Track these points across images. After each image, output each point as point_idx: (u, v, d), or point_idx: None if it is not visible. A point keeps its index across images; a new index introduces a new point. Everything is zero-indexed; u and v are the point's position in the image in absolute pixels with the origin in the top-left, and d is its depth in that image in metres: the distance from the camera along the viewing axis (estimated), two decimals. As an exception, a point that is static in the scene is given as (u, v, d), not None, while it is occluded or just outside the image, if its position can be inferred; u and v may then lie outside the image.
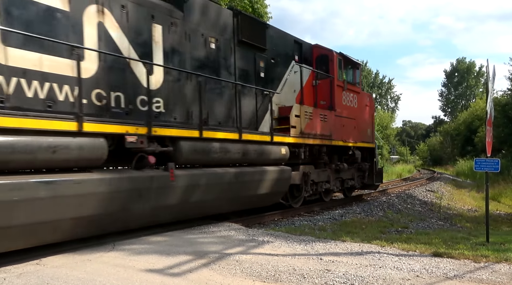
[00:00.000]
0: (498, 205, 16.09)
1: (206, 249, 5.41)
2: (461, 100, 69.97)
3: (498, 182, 20.88)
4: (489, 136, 7.28)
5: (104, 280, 4.04)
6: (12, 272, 4.34)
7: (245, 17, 8.97)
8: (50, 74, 5.50)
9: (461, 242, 6.69)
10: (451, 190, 19.65)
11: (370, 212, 11.07)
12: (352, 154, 12.47)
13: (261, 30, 9.40)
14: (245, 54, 8.92)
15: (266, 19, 20.48)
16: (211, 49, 8.07)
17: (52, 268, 4.54)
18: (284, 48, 10.19)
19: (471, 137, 41.31)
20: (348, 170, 12.31)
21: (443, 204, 14.12)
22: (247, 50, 8.95)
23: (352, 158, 12.50)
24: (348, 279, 4.15)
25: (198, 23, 7.79)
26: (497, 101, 28.38)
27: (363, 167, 13.26)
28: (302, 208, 10.55)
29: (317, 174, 10.81)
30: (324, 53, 11.46)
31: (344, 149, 12.14)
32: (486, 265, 4.69)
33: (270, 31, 9.69)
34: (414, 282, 4.08)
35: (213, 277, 4.22)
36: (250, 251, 5.40)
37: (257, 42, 9.16)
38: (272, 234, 6.62)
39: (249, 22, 9.00)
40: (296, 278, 4.22)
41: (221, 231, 6.84)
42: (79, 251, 5.31)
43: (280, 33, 10.19)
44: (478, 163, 7.12)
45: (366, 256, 5.12)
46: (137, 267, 4.54)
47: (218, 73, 8.16)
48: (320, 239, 6.26)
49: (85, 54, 5.89)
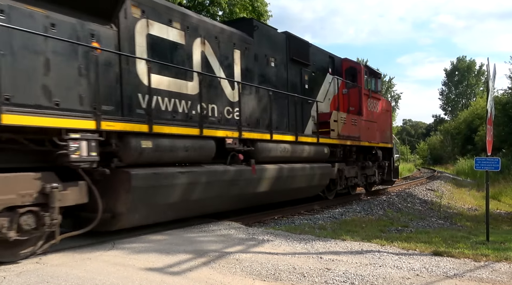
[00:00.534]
0: (498, 204, 16.09)
1: (206, 247, 5.41)
2: (461, 99, 69.93)
3: (499, 180, 20.89)
4: (490, 135, 7.28)
5: (104, 279, 4.04)
6: (12, 271, 4.34)
7: (294, 38, 10.66)
8: (173, 92, 7.21)
9: (461, 241, 6.69)
10: (451, 189, 19.65)
11: (370, 210, 11.08)
12: (375, 153, 14.14)
13: (305, 49, 11.04)
14: (295, 69, 10.63)
15: (266, 18, 20.46)
16: (271, 67, 9.82)
17: (52, 266, 4.54)
18: (321, 63, 11.88)
19: (471, 136, 41.31)
20: (371, 167, 13.92)
21: (443, 203, 14.13)
22: (296, 66, 10.64)
23: (375, 156, 14.18)
24: (348, 278, 4.15)
25: (262, 46, 9.54)
26: (497, 100, 28.36)
27: (383, 164, 14.91)
28: (302, 206, 10.63)
29: (348, 170, 12.37)
30: (353, 66, 13.26)
31: (369, 148, 13.78)
32: (486, 264, 4.69)
33: (312, 49, 11.32)
34: (414, 281, 4.08)
35: (213, 276, 4.22)
36: (250, 249, 5.40)
37: (303, 59, 10.83)
38: (272, 233, 6.62)
39: (297, 43, 10.71)
40: (296, 277, 4.22)
41: (221, 229, 6.84)
42: (79, 249, 5.31)
43: (319, 50, 11.90)
44: (479, 161, 7.12)
45: (366, 255, 5.12)
46: (137, 265, 4.54)
47: (276, 86, 9.76)
48: (320, 238, 6.26)
49: (193, 76, 7.59)
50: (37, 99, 5.20)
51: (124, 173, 6.00)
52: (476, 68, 68.66)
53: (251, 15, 19.12)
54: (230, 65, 8.58)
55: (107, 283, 3.92)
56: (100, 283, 3.92)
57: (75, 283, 3.93)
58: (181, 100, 7.34)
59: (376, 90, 14.34)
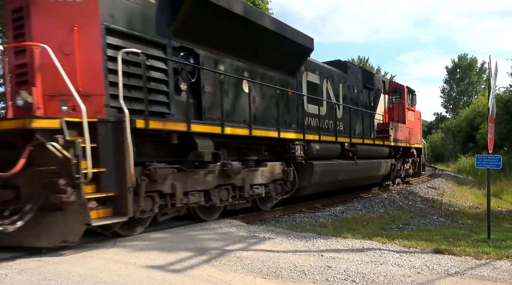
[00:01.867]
0: (499, 202, 16.05)
1: (207, 245, 5.41)
2: (463, 97, 69.64)
3: (500, 178, 20.84)
4: (491, 133, 7.27)
5: (105, 277, 4.05)
6: (14, 268, 4.34)
7: (365, 71, 15.92)
8: (314, 114, 11.04)
9: (463, 238, 6.69)
10: (452, 187, 19.62)
11: (371, 208, 11.07)
12: (412, 152, 18.33)
13: (371, 77, 15.39)
14: (365, 93, 14.66)
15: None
16: (355, 92, 13.86)
17: (54, 264, 4.54)
18: (378, 86, 15.77)
19: (472, 134, 41.21)
20: (409, 163, 18.03)
21: (444, 201, 14.11)
22: (366, 90, 14.68)
23: (412, 154, 18.39)
24: (349, 276, 4.15)
25: (351, 79, 13.62)
26: (499, 97, 28.24)
27: (416, 161, 18.93)
28: (303, 204, 10.64)
29: (396, 165, 16.30)
30: (397, 87, 17.50)
31: (408, 148, 17.90)
32: (487, 262, 4.69)
33: (374, 77, 15.79)
34: (415, 279, 4.08)
35: (214, 274, 4.23)
36: (251, 247, 5.40)
37: (370, 85, 14.90)
38: (273, 231, 6.62)
39: (367, 74, 15.37)
40: (297, 275, 4.22)
41: (222, 227, 6.84)
42: (81, 247, 5.31)
43: (376, 76, 16.50)
44: (480, 159, 7.11)
45: (367, 253, 5.12)
46: (138, 263, 4.55)
47: (357, 105, 13.69)
48: (321, 236, 6.26)
49: (324, 103, 11.62)
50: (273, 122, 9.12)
51: (309, 163, 9.93)
52: (478, 66, 68.34)
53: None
54: (338, 94, 12.67)
55: (108, 281, 3.93)
56: (101, 281, 3.92)
57: (77, 280, 3.93)
58: (318, 119, 11.01)
59: (412, 104, 18.63)
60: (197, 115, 7.33)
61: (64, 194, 4.88)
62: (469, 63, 68.87)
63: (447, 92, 72.10)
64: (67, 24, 5.59)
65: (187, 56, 7.24)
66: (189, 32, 7.05)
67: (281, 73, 9.76)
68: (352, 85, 13.58)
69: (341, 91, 12.72)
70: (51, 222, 5.05)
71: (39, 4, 5.57)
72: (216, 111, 7.53)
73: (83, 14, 5.66)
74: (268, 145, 8.99)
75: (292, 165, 9.57)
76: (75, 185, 4.95)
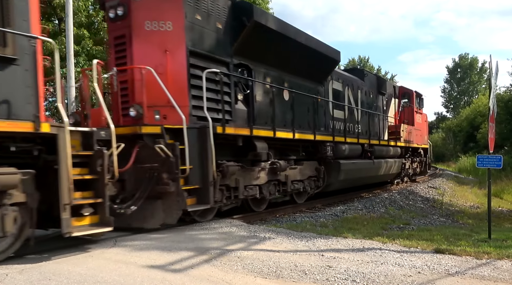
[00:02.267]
0: (500, 202, 16.03)
1: (207, 245, 5.41)
2: (463, 97, 69.53)
3: (501, 178, 20.81)
4: (492, 132, 7.26)
5: (106, 276, 4.05)
6: (15, 268, 4.34)
7: (379, 77, 17.26)
8: (338, 118, 12.15)
9: (463, 238, 6.68)
10: (453, 187, 19.62)
11: (371, 208, 11.07)
12: (419, 152, 20.01)
13: (384, 83, 16.43)
14: (379, 98, 15.86)
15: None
16: (370, 97, 15.01)
17: (54, 263, 4.54)
18: (390, 91, 17.02)
19: (473, 133, 41.15)
20: (417, 162, 19.71)
21: (445, 201, 14.11)
22: (380, 95, 15.85)
23: (419, 154, 20.11)
24: (349, 276, 4.15)
25: (367, 86, 14.72)
26: (500, 97, 28.19)
27: (423, 160, 20.63)
28: (304, 204, 10.64)
29: (406, 164, 17.96)
30: (406, 91, 18.85)
31: (416, 148, 19.45)
32: (488, 262, 4.69)
33: (386, 82, 17.04)
34: (416, 279, 4.08)
35: (214, 273, 4.23)
36: (252, 247, 5.40)
37: (383, 90, 15.98)
38: (274, 231, 6.62)
39: (381, 80, 16.52)
40: (298, 275, 4.22)
41: (222, 227, 6.84)
42: (81, 247, 5.31)
43: (388, 82, 17.98)
44: (481, 159, 7.10)
45: (368, 253, 5.12)
46: (139, 263, 4.55)
47: (372, 109, 14.86)
48: (321, 236, 6.26)
49: (345, 108, 12.56)
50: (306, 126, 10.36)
51: (337, 162, 11.25)
52: (479, 66, 68.22)
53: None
54: (357, 99, 13.75)
55: (109, 281, 3.93)
56: (102, 281, 3.92)
57: (77, 280, 3.93)
58: (344, 122, 12.31)
59: (420, 107, 20.06)
60: (250, 121, 8.52)
61: (167, 185, 6.15)
62: (470, 63, 68.75)
63: (447, 91, 72.01)
64: (160, 49, 6.87)
65: (243, 71, 8.54)
66: (246, 50, 8.35)
67: (313, 82, 11.00)
68: (368, 91, 14.81)
69: (359, 97, 14.02)
70: (154, 208, 6.33)
71: (139, 32, 6.84)
72: (263, 117, 8.88)
73: (173, 40, 6.96)
74: (304, 146, 10.48)
75: (322, 164, 10.98)
76: (174, 179, 6.21)
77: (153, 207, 6.32)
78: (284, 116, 9.51)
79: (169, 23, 6.94)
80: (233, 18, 8.04)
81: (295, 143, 9.97)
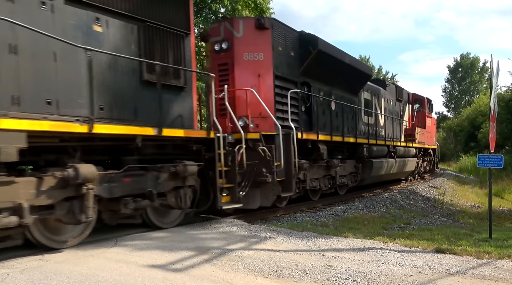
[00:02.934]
0: (501, 201, 16.01)
1: (208, 244, 5.41)
2: (464, 96, 69.44)
3: (502, 178, 20.79)
4: (493, 132, 7.25)
5: (106, 276, 4.05)
6: (16, 267, 4.35)
7: (398, 86, 19.09)
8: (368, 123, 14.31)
9: (464, 238, 6.67)
10: (454, 186, 19.60)
11: (372, 208, 11.06)
12: (429, 152, 22.72)
13: (401, 91, 18.72)
14: (397, 104, 18.19)
15: (268, 15, 20.36)
16: (391, 104, 17.09)
17: (55, 263, 4.55)
18: (405, 98, 19.28)
19: (474, 133, 41.09)
20: (427, 161, 22.54)
21: (446, 200, 14.10)
22: (398, 102, 18.15)
23: (429, 154, 22.86)
24: (350, 275, 4.14)
25: (389, 94, 16.89)
26: (501, 97, 28.13)
27: (432, 159, 23.60)
28: (304, 204, 10.64)
29: (419, 162, 20.62)
30: (419, 98, 21.59)
31: (427, 149, 22.14)
32: (489, 262, 4.69)
33: (403, 90, 19.14)
34: (417, 278, 4.08)
35: (215, 273, 4.23)
36: (252, 247, 5.40)
37: (400, 97, 18.35)
38: (274, 230, 6.62)
39: (399, 88, 18.78)
40: (298, 274, 4.22)
41: (223, 227, 6.84)
42: (82, 246, 5.32)
43: (404, 90, 19.47)
44: (482, 159, 7.09)
45: (369, 252, 5.12)
46: (140, 262, 4.55)
47: (392, 115, 16.98)
48: (322, 235, 6.26)
49: (372, 114, 14.70)
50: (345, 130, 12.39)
51: (370, 161, 13.50)
52: (480, 65, 68.10)
53: (253, 12, 19.02)
54: (381, 107, 15.84)
55: (109, 280, 3.93)
56: (102, 280, 3.92)
57: (78, 279, 3.94)
58: (376, 127, 14.64)
59: (430, 112, 22.98)
60: (309, 128, 10.44)
61: (266, 177, 8.25)
62: (471, 62, 68.64)
63: (448, 91, 71.94)
64: (255, 74, 8.97)
65: (305, 88, 10.51)
66: (308, 71, 10.39)
67: (351, 94, 13.08)
68: (390, 99, 17.09)
69: (383, 104, 16.20)
70: (255, 194, 8.34)
71: (239, 61, 8.94)
72: (319, 125, 10.81)
73: (264, 67, 9.06)
74: (347, 147, 12.68)
75: (359, 162, 13.19)
76: (271, 172, 8.33)
77: (254, 193, 8.30)
78: (333, 123, 11.64)
79: (261, 54, 9.04)
80: (300, 46, 10.14)
81: (342, 144, 12.20)
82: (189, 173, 6.62)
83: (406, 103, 19.50)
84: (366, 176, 13.48)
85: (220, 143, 7.04)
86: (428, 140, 21.60)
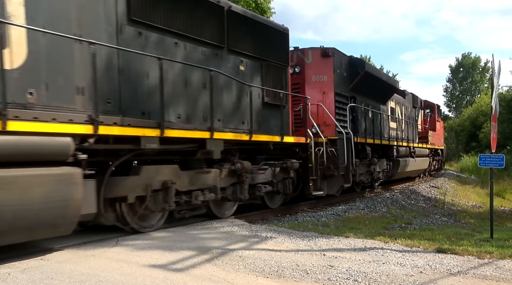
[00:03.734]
0: (502, 201, 16.00)
1: (209, 244, 5.41)
2: (466, 96, 69.37)
3: (503, 178, 20.77)
4: (494, 132, 7.23)
5: (107, 275, 4.05)
6: (17, 267, 4.35)
7: (413, 94, 21.38)
8: (393, 128, 16.77)
9: (465, 238, 6.66)
10: (455, 186, 19.60)
11: (373, 208, 11.06)
12: (438, 152, 25.60)
13: (416, 99, 21.53)
14: (414, 111, 21.10)
15: (269, 15, 20.35)
16: (408, 110, 19.75)
17: (56, 263, 4.55)
18: (419, 105, 22.08)
19: (475, 133, 41.07)
20: (437, 160, 25.44)
21: (447, 200, 14.09)
22: (414, 108, 20.93)
23: (438, 154, 25.74)
24: (351, 275, 4.14)
25: (408, 102, 19.62)
26: (502, 96, 28.14)
27: (440, 159, 26.63)
28: (305, 203, 10.65)
29: (430, 161, 23.03)
30: (430, 104, 24.96)
31: (436, 149, 25.02)
32: (490, 261, 4.68)
33: (418, 98, 21.87)
34: (418, 278, 4.07)
35: (216, 273, 4.23)
36: (253, 246, 5.40)
37: (415, 104, 21.21)
38: (275, 230, 6.62)
39: (415, 96, 21.42)
40: (299, 274, 4.22)
41: (224, 226, 6.84)
42: (83, 246, 5.32)
43: (419, 98, 22.24)
44: (483, 158, 7.07)
45: (370, 252, 5.11)
46: (141, 262, 4.55)
47: (409, 120, 19.52)
48: (323, 235, 6.25)
49: (396, 120, 17.31)
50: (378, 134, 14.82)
51: (397, 160, 15.97)
52: (481, 65, 68.01)
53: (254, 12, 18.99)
54: (402, 113, 18.34)
55: (110, 280, 3.93)
56: (103, 280, 3.93)
57: (79, 279, 3.94)
58: (401, 132, 17.18)
59: (439, 116, 26.34)
60: (354, 133, 12.15)
61: (333, 172, 10.54)
62: (472, 62, 68.54)
63: (450, 91, 71.85)
64: (320, 92, 11.40)
65: (352, 100, 12.89)
66: (356, 88, 12.94)
67: (381, 103, 15.59)
68: (408, 106, 19.77)
69: (403, 111, 18.85)
70: (323, 185, 10.30)
71: (308, 82, 11.37)
72: (360, 130, 13.02)
73: (327, 86, 11.56)
74: (381, 148, 14.95)
75: (390, 161, 15.50)
76: (336, 167, 10.62)
77: (321, 184, 10.14)
78: (371, 128, 14.06)
79: (325, 76, 11.54)
80: (350, 68, 12.70)
81: (378, 146, 14.44)
82: (293, 168, 9.16)
83: (419, 109, 22.42)
84: (394, 172, 15.99)
85: (312, 146, 9.70)
86: (437, 142, 24.95)
